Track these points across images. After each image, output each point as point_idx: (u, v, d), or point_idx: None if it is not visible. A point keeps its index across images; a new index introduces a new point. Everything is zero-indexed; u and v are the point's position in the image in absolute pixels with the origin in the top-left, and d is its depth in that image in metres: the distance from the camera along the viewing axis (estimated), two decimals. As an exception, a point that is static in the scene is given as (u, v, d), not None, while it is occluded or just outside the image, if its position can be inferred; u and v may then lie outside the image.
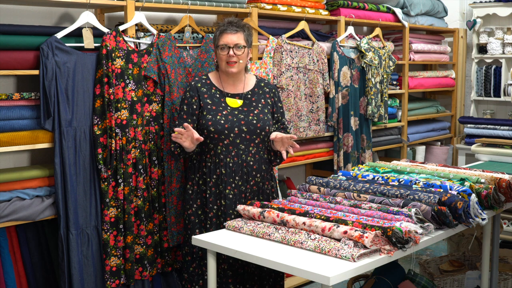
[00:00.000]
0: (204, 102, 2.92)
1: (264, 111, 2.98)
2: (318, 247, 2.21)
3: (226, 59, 2.90)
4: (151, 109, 3.18)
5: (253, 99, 3.00)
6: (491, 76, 5.61)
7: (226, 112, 2.91)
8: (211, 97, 2.94)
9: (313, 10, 4.15)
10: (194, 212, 2.95)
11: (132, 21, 3.13)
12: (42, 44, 2.81)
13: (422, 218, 2.36)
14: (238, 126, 2.89)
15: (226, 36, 2.89)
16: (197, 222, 2.95)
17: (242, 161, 2.90)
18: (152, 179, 3.20)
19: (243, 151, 2.91)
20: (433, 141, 5.77)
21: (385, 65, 4.66)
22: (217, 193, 2.90)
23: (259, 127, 2.93)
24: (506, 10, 5.48)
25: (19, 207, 2.84)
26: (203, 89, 2.95)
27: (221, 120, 2.87)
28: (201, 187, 2.94)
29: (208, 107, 2.91)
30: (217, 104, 2.93)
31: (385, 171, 3.11)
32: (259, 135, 2.94)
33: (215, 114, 2.89)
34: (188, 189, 2.98)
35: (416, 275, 3.31)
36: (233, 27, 2.90)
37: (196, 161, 2.97)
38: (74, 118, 2.94)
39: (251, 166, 2.93)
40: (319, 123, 4.17)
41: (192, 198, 2.95)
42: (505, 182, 2.80)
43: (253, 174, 2.94)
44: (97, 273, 3.05)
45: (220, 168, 2.88)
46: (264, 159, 3.00)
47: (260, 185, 2.99)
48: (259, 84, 3.07)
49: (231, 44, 2.88)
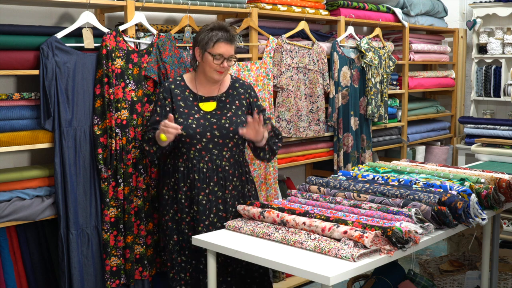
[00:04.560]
0: (176, 105, 2.86)
1: (237, 114, 2.92)
2: (318, 247, 2.21)
3: (217, 68, 2.83)
4: (151, 109, 3.18)
5: (227, 101, 2.94)
6: (491, 76, 5.61)
7: (198, 116, 2.85)
8: (184, 100, 2.88)
9: (313, 10, 4.15)
10: (171, 218, 2.89)
11: (132, 21, 3.13)
12: (42, 44, 2.81)
13: (422, 218, 2.36)
14: (210, 131, 2.83)
15: (223, 45, 2.81)
16: (174, 228, 2.89)
17: (217, 166, 2.85)
18: (152, 179, 3.20)
19: (217, 156, 2.85)
20: (433, 141, 5.77)
21: (385, 65, 4.66)
22: (191, 198, 2.85)
23: (232, 131, 2.86)
24: (506, 10, 5.48)
25: (19, 207, 2.84)
26: (176, 91, 2.89)
27: (192, 124, 2.81)
28: (176, 192, 2.88)
29: (181, 110, 2.85)
30: (190, 108, 2.86)
31: (385, 171, 3.11)
32: (232, 139, 2.88)
33: (186, 118, 2.83)
34: (164, 194, 2.92)
35: (416, 275, 3.31)
36: (229, 36, 2.83)
37: (171, 166, 2.92)
38: (74, 118, 2.94)
39: (227, 171, 2.88)
40: (319, 123, 4.17)
41: (168, 203, 2.90)
42: (505, 182, 2.80)
43: (230, 178, 2.89)
44: (97, 273, 3.06)
45: (193, 173, 2.83)
46: (240, 162, 2.95)
47: (239, 189, 2.94)
48: (233, 85, 3.00)
49: (226, 55, 2.82)
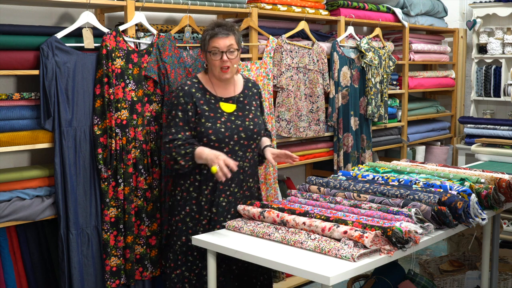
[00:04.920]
0: (201, 109, 2.80)
1: (257, 114, 2.94)
2: (318, 247, 2.21)
3: (220, 65, 2.80)
4: (151, 109, 3.18)
5: (245, 101, 2.94)
6: (491, 76, 5.61)
7: (224, 119, 2.83)
8: (207, 103, 2.84)
9: (313, 10, 4.15)
10: (182, 219, 2.86)
11: (132, 21, 3.13)
12: (42, 44, 2.81)
13: (422, 218, 2.36)
14: (237, 133, 2.82)
15: (217, 40, 2.77)
16: (184, 230, 2.86)
17: (239, 167, 2.83)
18: (154, 179, 3.20)
19: (241, 158, 2.85)
20: (433, 141, 5.77)
21: (385, 65, 4.66)
22: (211, 200, 2.83)
23: (256, 132, 2.88)
24: (506, 10, 5.48)
25: (19, 207, 2.84)
26: (197, 94, 2.83)
27: (221, 128, 2.79)
28: (191, 194, 2.85)
29: (206, 114, 2.80)
30: (214, 111, 2.83)
31: (385, 171, 3.12)
32: (255, 140, 2.90)
33: (214, 122, 2.80)
34: (176, 195, 2.89)
35: (416, 275, 3.31)
36: (223, 30, 2.79)
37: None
38: (74, 118, 2.94)
39: (246, 172, 2.89)
40: (319, 123, 4.17)
41: (180, 204, 2.87)
42: (505, 182, 2.80)
43: (247, 179, 2.91)
44: (97, 273, 3.06)
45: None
46: (256, 162, 2.98)
47: (251, 189, 2.96)
48: (247, 85, 3.00)
49: (223, 48, 2.78)
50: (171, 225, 2.92)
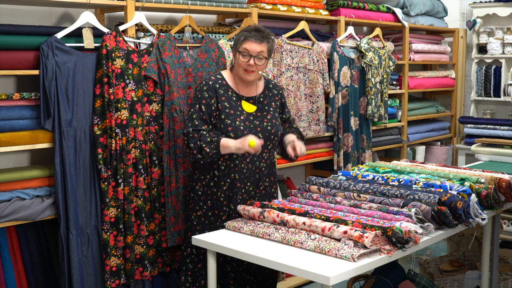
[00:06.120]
0: (222, 105, 2.85)
1: (275, 116, 2.98)
2: (318, 247, 2.21)
3: (245, 67, 2.84)
4: (151, 109, 3.18)
5: (265, 102, 2.98)
6: (491, 76, 5.61)
7: (244, 118, 2.87)
8: (228, 100, 2.88)
9: (313, 10, 4.15)
10: (204, 213, 2.92)
11: (132, 21, 3.13)
12: (42, 44, 2.81)
13: (422, 218, 2.36)
14: (255, 133, 2.85)
15: (250, 43, 2.82)
16: (206, 224, 2.92)
17: (256, 167, 2.91)
18: (153, 179, 3.20)
19: (257, 157, 2.91)
20: (433, 141, 5.77)
21: (385, 65, 4.66)
22: (229, 197, 2.88)
23: (273, 133, 2.93)
24: (506, 10, 5.48)
25: (19, 207, 2.84)
26: (220, 90, 2.88)
27: (240, 126, 2.83)
28: (211, 189, 2.90)
29: (227, 110, 2.85)
30: (235, 108, 2.87)
31: (385, 171, 3.12)
32: (272, 141, 2.94)
33: (234, 119, 2.84)
34: (198, 190, 2.93)
35: (416, 275, 3.31)
36: (259, 35, 2.83)
37: (207, 163, 2.91)
38: (74, 118, 2.94)
39: (263, 172, 2.95)
40: (319, 123, 4.17)
41: (202, 199, 2.92)
42: (505, 182, 2.80)
43: (263, 179, 2.96)
44: (97, 273, 3.06)
45: (235, 173, 2.86)
46: (273, 163, 3.02)
47: (267, 189, 3.01)
48: (267, 86, 3.04)
49: (253, 52, 2.82)
50: (192, 220, 2.95)
